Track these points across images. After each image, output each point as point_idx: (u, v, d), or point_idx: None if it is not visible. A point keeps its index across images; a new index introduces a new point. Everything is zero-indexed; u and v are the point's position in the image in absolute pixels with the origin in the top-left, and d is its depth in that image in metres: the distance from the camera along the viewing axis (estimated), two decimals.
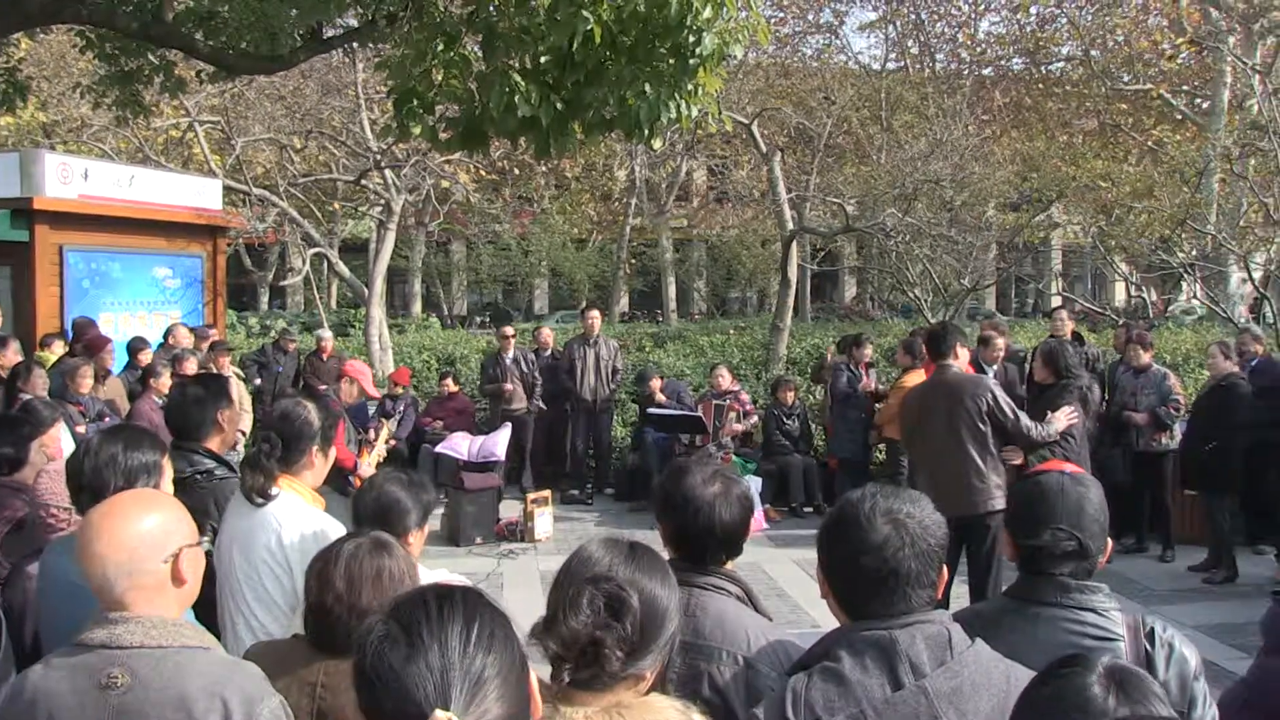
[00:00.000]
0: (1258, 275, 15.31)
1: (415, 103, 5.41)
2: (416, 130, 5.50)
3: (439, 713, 1.29)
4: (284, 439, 3.30)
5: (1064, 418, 6.38)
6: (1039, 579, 2.50)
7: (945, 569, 2.18)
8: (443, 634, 1.37)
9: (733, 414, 11.22)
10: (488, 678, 1.35)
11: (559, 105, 5.29)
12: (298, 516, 3.21)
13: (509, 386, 11.59)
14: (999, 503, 5.97)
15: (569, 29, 4.68)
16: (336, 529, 3.16)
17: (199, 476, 3.70)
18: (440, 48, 5.48)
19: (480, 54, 5.39)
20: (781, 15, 30.56)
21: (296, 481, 3.34)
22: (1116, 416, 9.42)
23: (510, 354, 11.77)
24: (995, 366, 9.53)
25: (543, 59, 5.18)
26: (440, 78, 5.52)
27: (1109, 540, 2.57)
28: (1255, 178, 15.16)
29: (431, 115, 5.64)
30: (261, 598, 3.16)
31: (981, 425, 6.06)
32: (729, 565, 2.69)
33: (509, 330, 12.21)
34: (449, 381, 12.49)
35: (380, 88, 12.93)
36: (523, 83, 5.11)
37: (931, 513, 2.18)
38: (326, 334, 13.07)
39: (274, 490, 3.23)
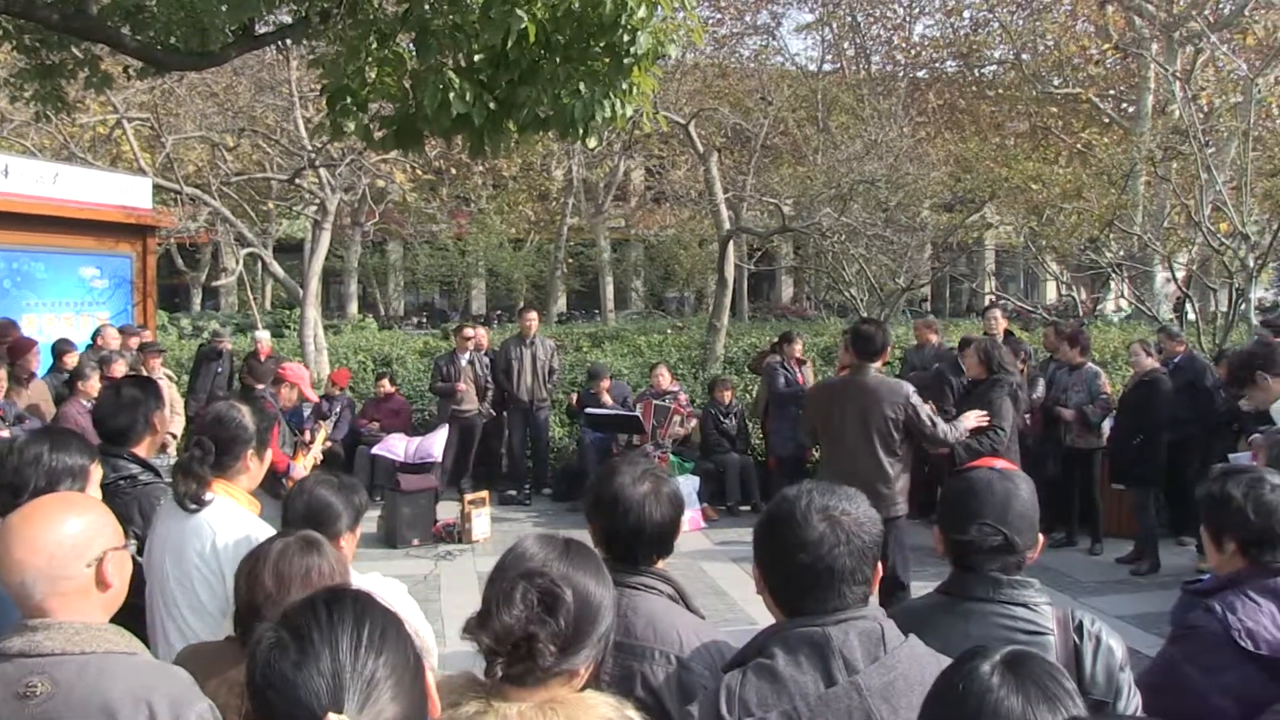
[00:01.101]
0: (1180, 275, 15.65)
1: (349, 101, 5.35)
2: (350, 128, 5.44)
3: (332, 716, 1.30)
4: (217, 443, 3.25)
5: (974, 419, 6.45)
6: (970, 575, 2.54)
7: (880, 566, 2.21)
8: (333, 637, 1.37)
9: (677, 417, 11.25)
10: (380, 679, 1.36)
11: (493, 104, 5.26)
12: (231, 522, 3.16)
13: (462, 387, 11.51)
14: (901, 508, 6.13)
15: (503, 27, 4.66)
16: (269, 533, 3.11)
17: (122, 482, 3.63)
18: (374, 45, 5.43)
19: (414, 52, 5.35)
20: (719, 16, 30.67)
21: (231, 486, 3.28)
22: (1049, 412, 9.59)
23: (466, 355, 11.70)
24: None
25: (477, 57, 5.16)
26: (374, 76, 5.47)
27: (1040, 536, 2.61)
28: (1177, 180, 15.51)
29: (365, 113, 5.59)
30: (195, 605, 3.11)
31: (896, 433, 6.05)
32: (661, 564, 2.68)
33: (468, 331, 12.12)
34: (385, 382, 12.39)
35: (314, 85, 12.78)
36: (457, 81, 5.07)
37: (866, 510, 2.20)
38: (263, 335, 12.89)
39: (207, 496, 3.18)
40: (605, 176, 31.39)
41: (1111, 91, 27.24)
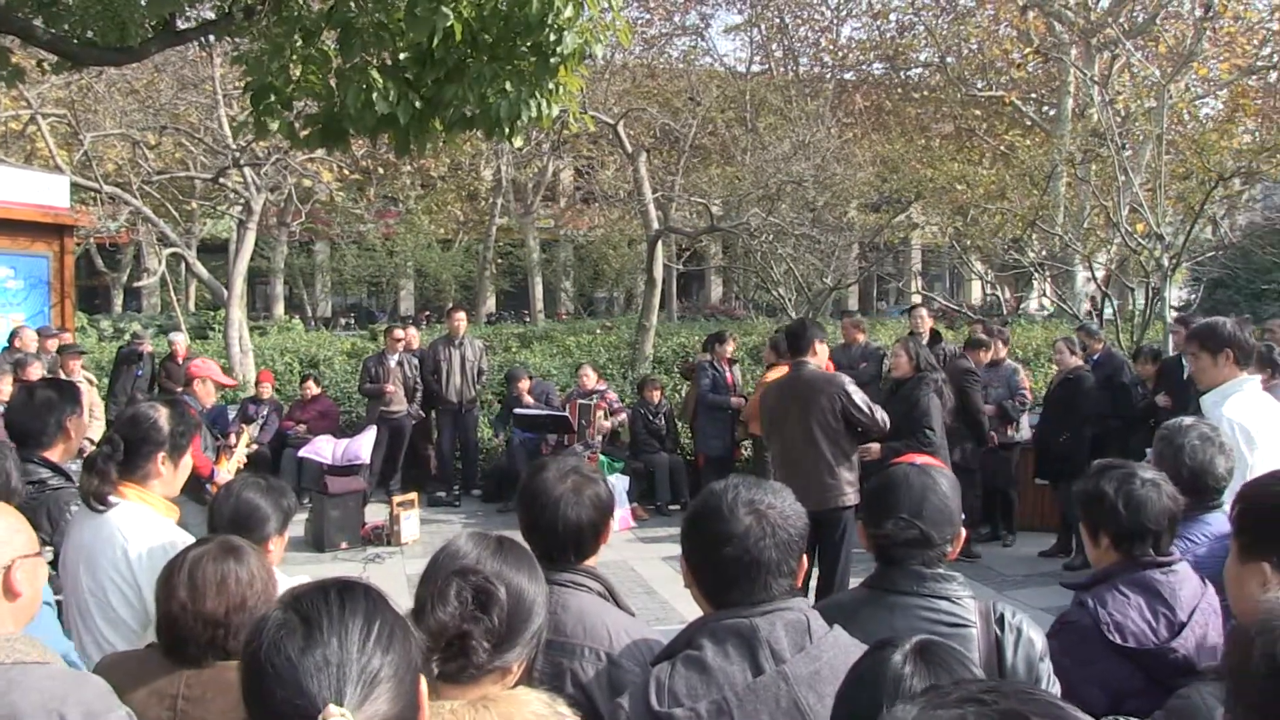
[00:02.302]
0: (1100, 274, 15.99)
1: (273, 99, 5.27)
2: (274, 127, 5.37)
3: (332, 707, 1.26)
4: (128, 443, 3.14)
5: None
6: (894, 569, 2.58)
7: (804, 558, 2.24)
8: (343, 628, 1.34)
9: (600, 411, 11.24)
10: (383, 677, 1.33)
11: (418, 103, 5.22)
12: (144, 529, 3.04)
13: (390, 388, 11.41)
14: (850, 498, 6.19)
15: (428, 26, 4.62)
16: (187, 540, 3.03)
17: (30, 487, 3.52)
18: (298, 43, 5.36)
19: (339, 50, 5.29)
20: (648, 16, 30.76)
21: (145, 491, 3.16)
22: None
23: (395, 356, 11.60)
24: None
25: (402, 56, 5.11)
26: (298, 73, 5.39)
27: (962, 530, 2.65)
28: (1096, 182, 15.84)
29: (289, 111, 5.51)
30: (111, 618, 2.99)
31: (835, 422, 6.19)
32: (591, 561, 2.69)
33: (398, 332, 12.02)
34: (310, 384, 12.24)
35: (238, 83, 12.55)
36: (381, 80, 5.02)
37: (792, 503, 2.24)
38: (179, 336, 12.67)
39: (114, 498, 3.07)
40: (534, 177, 31.30)
41: (1033, 95, 27.76)
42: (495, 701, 1.82)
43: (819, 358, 6.51)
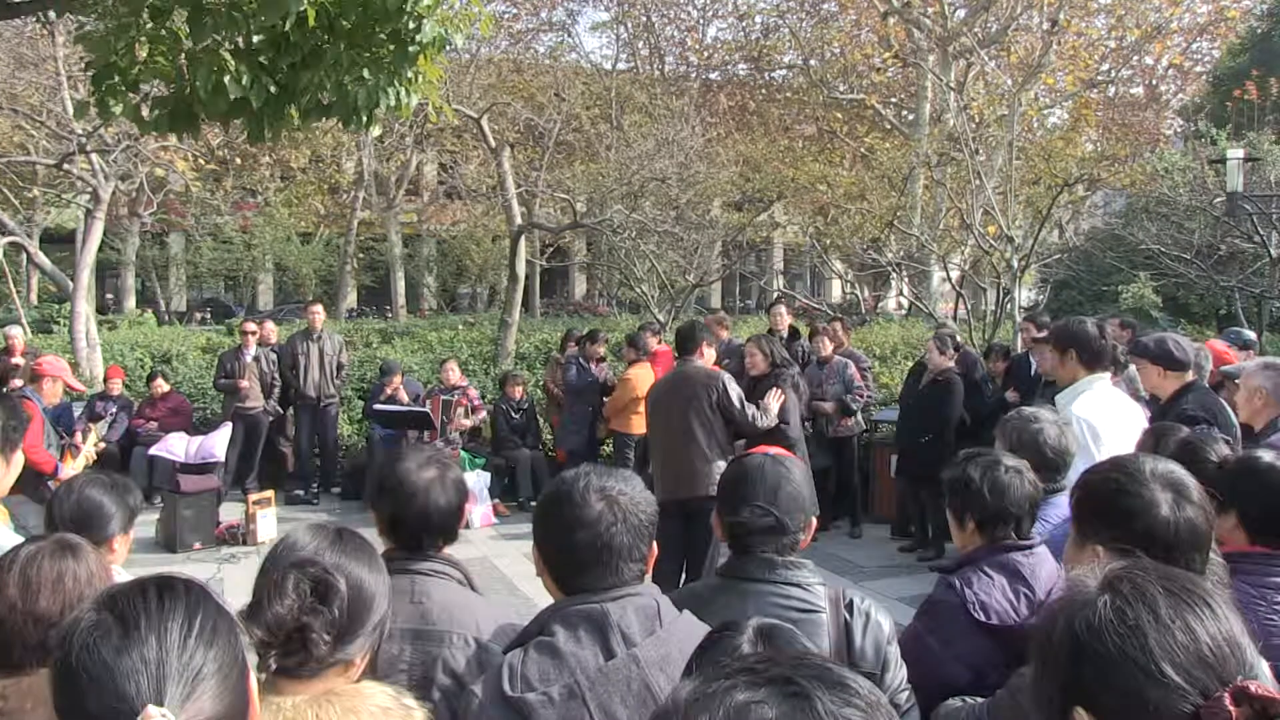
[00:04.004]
0: (955, 275, 16.50)
1: (117, 80, 5.06)
2: (118, 109, 5.15)
3: (151, 709, 1.20)
4: None
5: (774, 400, 6.75)
6: (746, 557, 2.64)
7: (655, 545, 2.27)
8: (162, 626, 1.28)
9: (461, 409, 11.14)
10: (206, 674, 1.27)
11: (273, 88, 5.07)
12: None
13: (244, 383, 11.11)
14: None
15: (281, 9, 4.49)
16: (13, 540, 2.90)
17: None
18: (146, 23, 5.15)
19: (189, 31, 5.11)
20: (515, 11, 30.60)
21: None
22: (807, 405, 9.92)
23: (251, 351, 11.30)
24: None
25: (255, 39, 4.96)
26: (145, 54, 5.18)
27: (813, 519, 2.72)
28: (951, 185, 16.33)
29: (135, 94, 5.30)
30: None
31: (711, 414, 6.45)
32: (446, 550, 2.69)
33: (251, 326, 11.70)
34: (159, 381, 11.81)
35: (83, 62, 11.99)
36: (233, 63, 4.87)
37: (641, 490, 2.28)
38: (14, 330, 12.09)
39: None
40: (397, 170, 30.87)
41: (893, 99, 28.53)
42: (339, 696, 1.79)
43: (705, 360, 6.73)
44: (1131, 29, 27.04)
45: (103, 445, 10.31)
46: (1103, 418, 4.20)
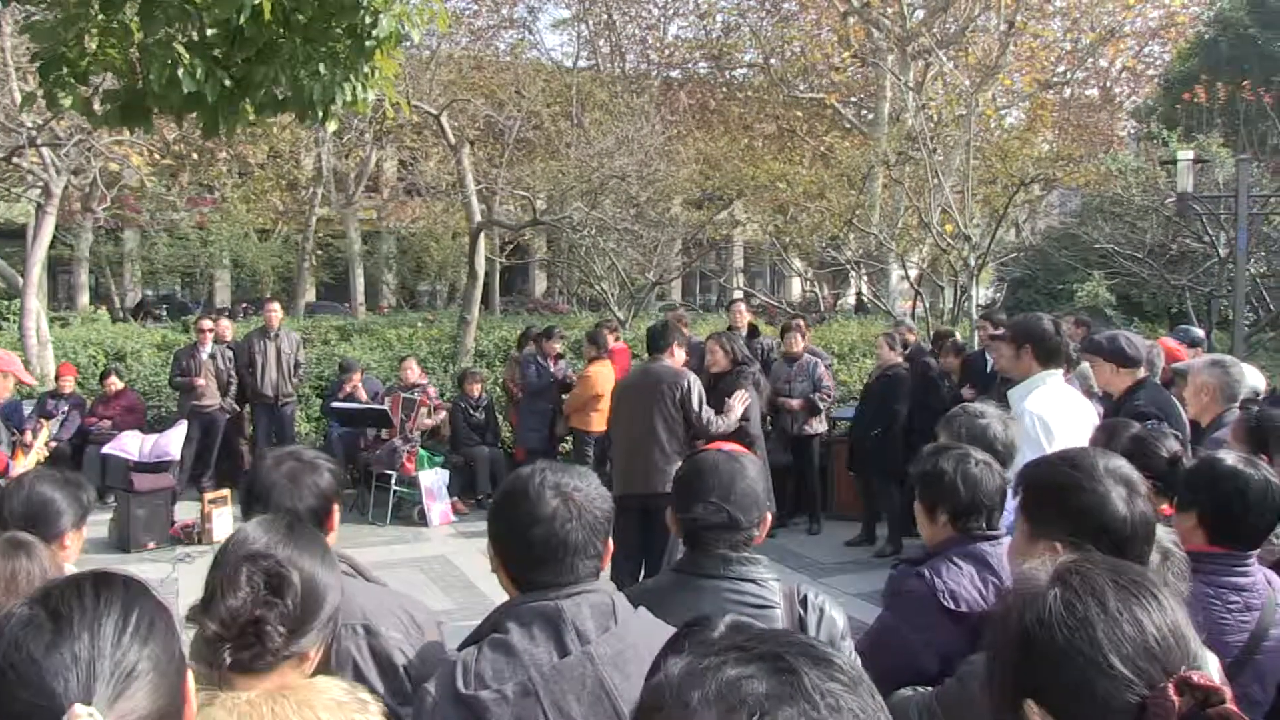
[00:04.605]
0: (913, 273, 16.62)
1: (65, 71, 4.98)
2: (67, 102, 5.06)
3: (78, 707, 1.16)
4: None
5: (738, 404, 6.79)
6: (701, 554, 2.66)
7: (610, 541, 2.27)
8: (96, 622, 1.25)
9: (424, 409, 11.10)
10: (140, 671, 1.24)
11: (227, 81, 5.02)
12: None
13: (200, 381, 11.01)
14: None
15: (235, 2, 4.45)
16: None
17: None
18: (96, 14, 5.08)
19: (140, 23, 5.04)
20: (475, 8, 30.45)
21: None
22: (771, 402, 9.98)
23: (207, 348, 11.19)
24: None
25: (210, 32, 4.91)
26: (95, 46, 5.11)
27: (767, 515, 2.73)
28: (910, 184, 16.44)
29: (85, 86, 5.23)
30: None
31: (674, 412, 6.55)
32: (332, 539, 2.66)
33: (206, 323, 11.60)
34: (112, 379, 11.66)
35: (31, 51, 11.75)
36: (187, 56, 4.81)
37: (597, 486, 2.27)
38: None
39: None
40: (356, 167, 30.62)
41: (853, 99, 28.62)
42: (294, 690, 1.78)
43: (675, 360, 6.81)
44: (1086, 32, 27.33)
45: (54, 444, 10.19)
46: (1055, 413, 4.25)
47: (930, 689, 2.71)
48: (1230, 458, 3.08)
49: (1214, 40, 29.25)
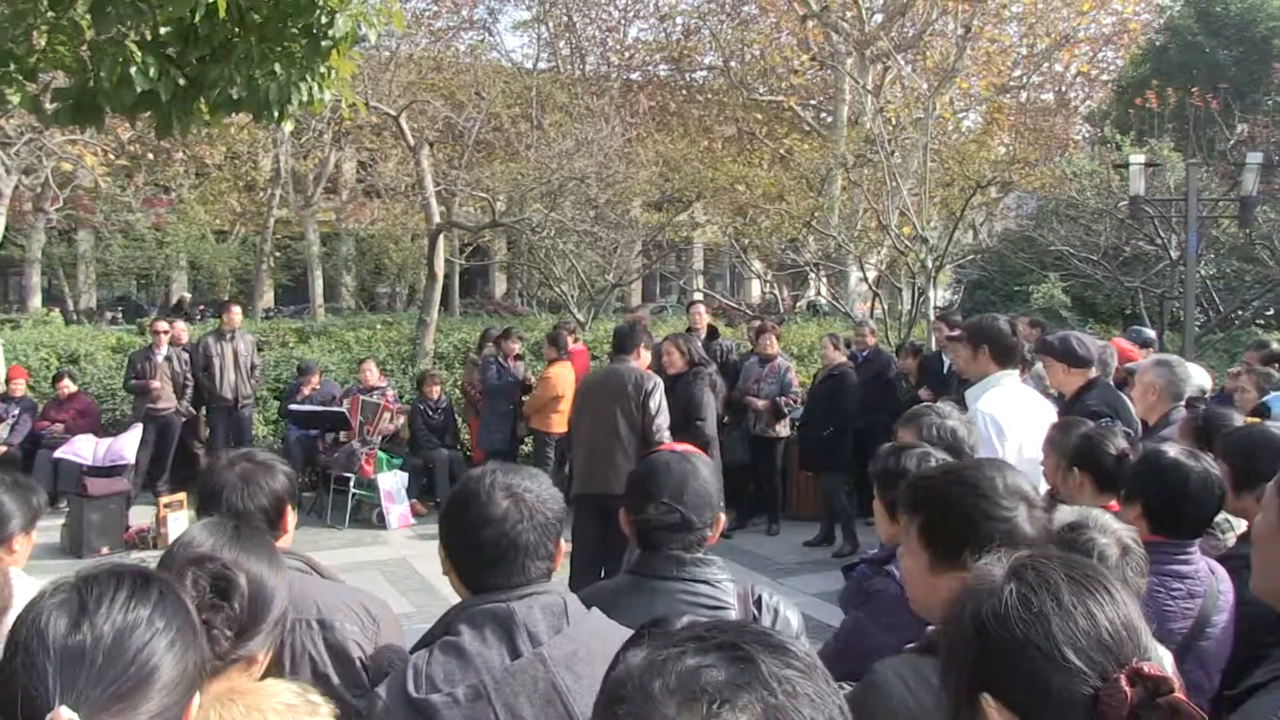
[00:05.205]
0: (871, 275, 16.72)
1: (13, 68, 4.92)
2: (16, 99, 5.00)
3: (64, 711, 1.15)
4: None
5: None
6: (654, 555, 2.65)
7: (562, 543, 2.27)
8: (120, 618, 1.24)
9: (386, 414, 11.07)
10: (154, 680, 1.24)
11: (181, 81, 4.98)
12: None
13: (156, 384, 10.90)
14: None
15: (189, 1, 4.41)
16: None
17: None
18: (46, 10, 5.01)
19: (91, 20, 4.98)
20: (435, 9, 30.33)
21: None
22: (738, 401, 10.02)
23: (162, 351, 11.08)
24: None
25: (163, 31, 4.86)
26: (44, 42, 5.04)
27: (721, 515, 2.74)
28: (868, 186, 16.56)
29: (34, 83, 5.16)
30: None
31: (636, 413, 6.55)
32: (285, 542, 2.69)
33: (161, 325, 11.49)
34: (65, 382, 11.51)
35: None
36: (140, 55, 4.76)
37: (548, 488, 2.27)
38: None
39: None
40: (315, 168, 30.39)
41: (812, 101, 28.79)
42: (242, 694, 1.76)
43: (641, 362, 6.80)
44: (1042, 37, 27.62)
45: (4, 449, 10.06)
46: (1007, 413, 4.29)
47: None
48: (1172, 450, 3.14)
49: (1164, 47, 29.71)
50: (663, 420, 6.63)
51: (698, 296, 16.57)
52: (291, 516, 2.73)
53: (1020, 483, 2.20)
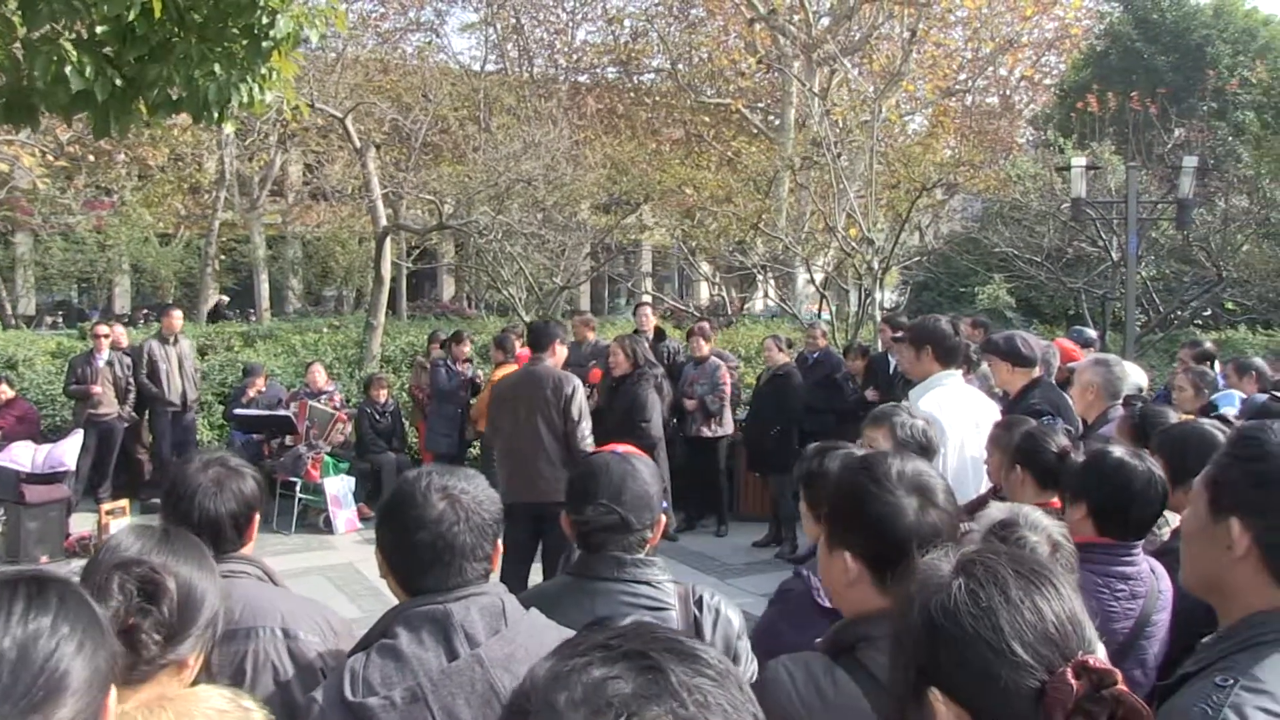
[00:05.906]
0: (819, 277, 16.83)
1: None
2: None
3: None
4: None
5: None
6: (594, 556, 2.65)
7: (499, 544, 2.26)
8: (23, 626, 1.19)
9: (339, 424, 10.99)
10: (66, 685, 1.19)
11: (118, 81, 4.90)
12: None
13: (97, 389, 10.72)
14: None
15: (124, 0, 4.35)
16: None
17: None
18: None
19: (23, 18, 4.89)
20: (382, 10, 30.12)
21: None
22: (678, 403, 10.05)
23: (103, 355, 10.90)
24: None
25: (99, 29, 4.78)
26: None
27: (661, 517, 2.73)
28: (816, 189, 16.66)
29: None
30: None
31: (558, 418, 6.41)
32: (246, 550, 2.69)
33: (102, 329, 11.30)
34: (3, 387, 11.27)
35: None
36: (75, 53, 4.69)
37: (485, 489, 2.26)
38: None
39: None
40: (261, 170, 30.07)
41: (759, 104, 28.89)
42: (172, 700, 1.74)
43: (557, 358, 6.70)
44: (986, 41, 27.95)
45: None
46: (948, 412, 4.34)
47: None
48: (1117, 451, 3.18)
49: (1105, 52, 30.26)
50: (585, 426, 6.50)
51: (645, 299, 16.59)
52: (256, 524, 2.74)
53: (923, 477, 2.12)
